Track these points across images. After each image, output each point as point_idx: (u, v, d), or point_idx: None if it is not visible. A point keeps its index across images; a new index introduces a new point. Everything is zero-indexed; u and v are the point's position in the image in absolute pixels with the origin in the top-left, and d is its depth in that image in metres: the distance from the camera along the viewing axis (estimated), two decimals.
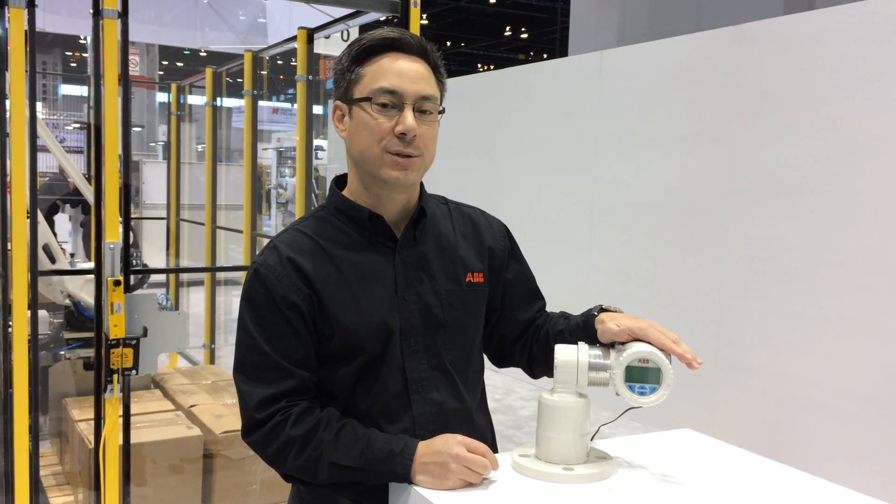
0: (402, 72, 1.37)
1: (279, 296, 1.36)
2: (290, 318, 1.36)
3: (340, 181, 1.51)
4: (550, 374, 1.51)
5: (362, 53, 1.39)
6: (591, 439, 1.41)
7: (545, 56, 25.12)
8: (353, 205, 1.44)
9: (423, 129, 1.38)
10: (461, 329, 1.48)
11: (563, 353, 1.37)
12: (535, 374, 1.61)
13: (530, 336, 1.59)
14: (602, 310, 1.46)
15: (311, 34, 3.86)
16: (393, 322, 1.40)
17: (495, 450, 1.52)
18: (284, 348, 1.36)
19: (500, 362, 1.65)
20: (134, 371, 2.56)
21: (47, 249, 3.68)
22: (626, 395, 1.33)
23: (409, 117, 1.35)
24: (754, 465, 1.46)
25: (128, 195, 2.75)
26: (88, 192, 3.73)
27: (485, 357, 1.63)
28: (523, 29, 24.24)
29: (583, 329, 1.47)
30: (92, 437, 2.72)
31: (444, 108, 1.43)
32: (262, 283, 1.38)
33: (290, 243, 1.41)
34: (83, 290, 3.90)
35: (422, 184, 1.50)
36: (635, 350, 1.33)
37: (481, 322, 1.54)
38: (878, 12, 3.96)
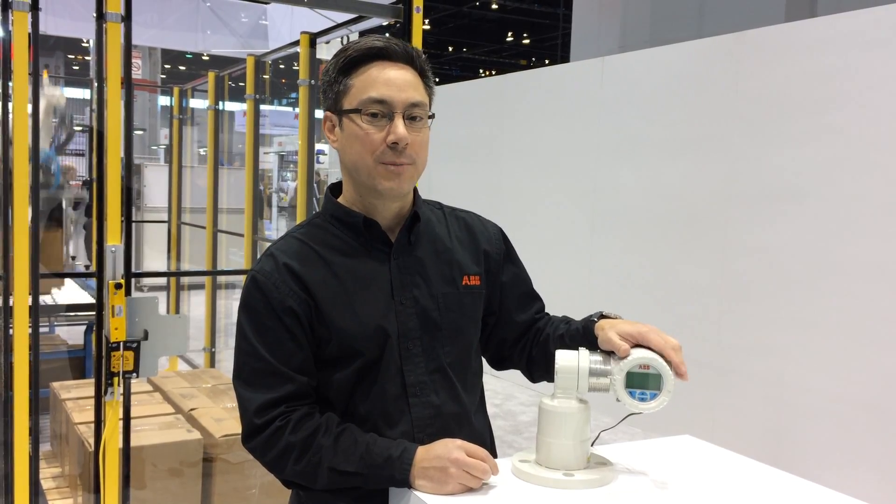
0: (390, 80, 1.37)
1: (276, 302, 1.37)
2: (287, 323, 1.37)
3: (335, 189, 1.52)
4: (548, 379, 1.52)
5: (349, 64, 1.40)
6: (592, 445, 1.42)
7: (546, 62, 25.16)
8: (348, 210, 1.45)
9: (414, 137, 1.38)
10: (459, 331, 1.49)
11: (564, 359, 1.37)
12: (533, 378, 1.62)
13: (530, 339, 1.59)
14: (602, 316, 1.47)
15: (313, 39, 3.88)
16: (389, 326, 1.41)
17: (494, 453, 1.52)
18: (283, 354, 1.37)
19: (500, 365, 1.65)
20: (134, 374, 2.56)
21: None
22: (627, 400, 1.33)
23: (399, 126, 1.36)
24: (754, 472, 1.46)
25: (129, 198, 2.75)
26: None
27: (483, 361, 1.63)
28: (525, 35, 24.28)
29: (582, 335, 1.47)
30: (92, 440, 2.72)
31: (433, 114, 1.44)
32: (259, 289, 1.39)
33: (287, 250, 1.43)
34: None
35: (415, 189, 1.51)
36: (636, 356, 1.33)
37: (479, 325, 1.55)
38: (879, 20, 3.97)
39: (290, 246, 1.44)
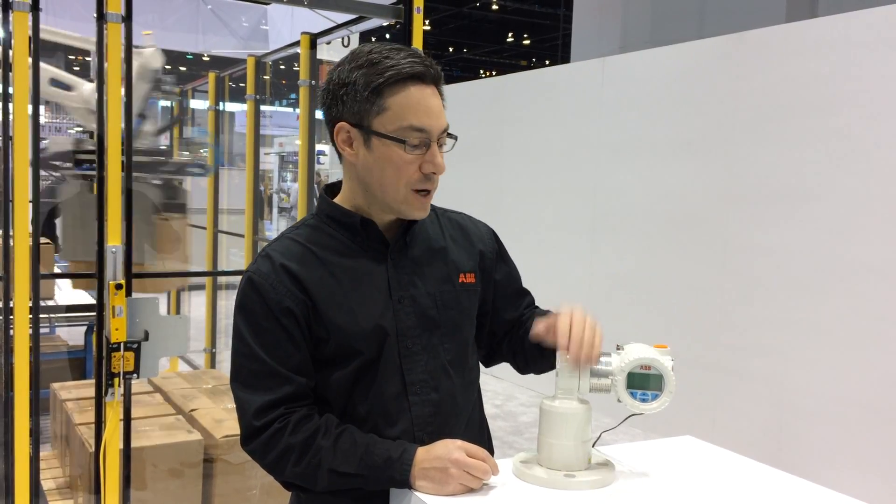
0: (430, 109, 1.36)
1: (273, 302, 1.37)
2: (285, 324, 1.37)
3: (329, 189, 1.51)
4: (532, 370, 1.57)
5: (385, 82, 1.34)
6: (593, 446, 1.41)
7: (547, 62, 25.15)
8: (345, 211, 1.45)
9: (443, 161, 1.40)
10: (457, 329, 1.49)
11: (565, 359, 1.37)
12: (519, 369, 1.64)
13: (515, 332, 1.61)
14: None
15: (313, 39, 3.88)
16: (388, 325, 1.41)
17: (490, 448, 1.53)
18: (281, 354, 1.37)
19: (490, 361, 1.67)
20: (135, 375, 2.56)
21: (58, 83, 3.66)
22: (628, 401, 1.34)
23: (438, 156, 1.37)
24: (755, 473, 1.46)
25: (129, 199, 2.75)
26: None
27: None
28: (525, 35, 24.26)
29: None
30: (92, 441, 2.72)
31: (456, 136, 1.43)
32: (255, 290, 1.38)
33: (283, 251, 1.42)
34: None
35: None
36: (637, 357, 1.33)
37: (474, 322, 1.56)
38: (879, 20, 3.96)
39: (285, 247, 1.43)
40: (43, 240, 4.99)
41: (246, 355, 1.38)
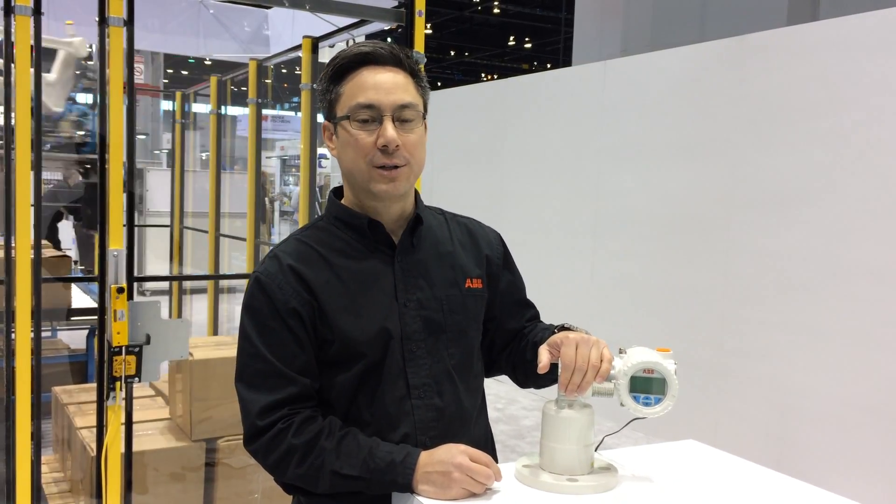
0: (378, 84, 1.39)
1: (280, 303, 1.37)
2: (291, 325, 1.37)
3: (339, 192, 1.52)
4: (532, 385, 1.56)
5: (338, 72, 1.42)
6: (596, 450, 1.41)
7: (549, 66, 25.17)
8: (353, 212, 1.46)
9: (406, 138, 1.39)
10: (462, 334, 1.49)
11: None
12: (519, 383, 1.63)
13: (516, 345, 1.61)
14: (563, 328, 1.46)
15: (315, 43, 3.88)
16: (393, 327, 1.41)
17: (494, 456, 1.52)
18: (286, 355, 1.37)
19: (488, 371, 1.66)
20: (137, 379, 2.56)
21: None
22: (631, 405, 1.33)
23: (388, 129, 1.37)
24: (757, 476, 1.45)
25: (131, 203, 2.75)
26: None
27: None
28: (527, 39, 24.30)
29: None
30: (94, 445, 2.71)
31: (425, 113, 1.45)
32: (263, 290, 1.39)
33: (291, 252, 1.43)
34: None
35: (417, 192, 1.52)
36: (640, 360, 1.33)
37: (480, 327, 1.56)
38: (881, 23, 3.96)
39: (293, 248, 1.44)
40: (57, 252, 4.99)
41: (251, 355, 1.39)
